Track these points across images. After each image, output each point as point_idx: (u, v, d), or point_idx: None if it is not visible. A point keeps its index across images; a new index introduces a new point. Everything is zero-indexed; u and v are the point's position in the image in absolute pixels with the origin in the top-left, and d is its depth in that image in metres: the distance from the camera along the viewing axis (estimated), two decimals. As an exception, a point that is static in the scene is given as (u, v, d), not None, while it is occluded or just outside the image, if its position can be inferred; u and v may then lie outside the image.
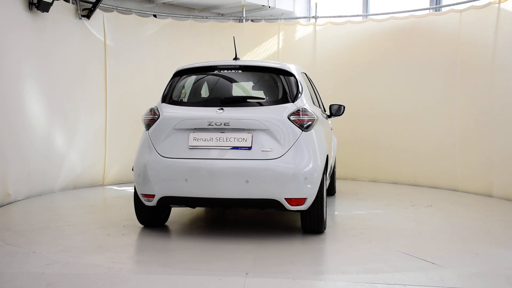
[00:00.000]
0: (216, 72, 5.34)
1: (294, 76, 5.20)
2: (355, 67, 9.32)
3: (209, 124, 4.78)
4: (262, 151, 4.68)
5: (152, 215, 5.24)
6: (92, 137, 8.31)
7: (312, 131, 4.87)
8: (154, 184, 4.78)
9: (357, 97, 9.06)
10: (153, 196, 4.83)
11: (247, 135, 4.73)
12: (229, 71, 5.26)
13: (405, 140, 8.79)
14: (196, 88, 5.44)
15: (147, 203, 4.94)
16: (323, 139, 5.15)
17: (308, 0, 11.19)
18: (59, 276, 3.75)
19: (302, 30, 9.82)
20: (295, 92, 5.07)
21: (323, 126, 5.42)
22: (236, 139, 4.74)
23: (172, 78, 5.45)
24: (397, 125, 8.88)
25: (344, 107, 6.42)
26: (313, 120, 4.87)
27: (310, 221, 4.95)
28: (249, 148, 4.70)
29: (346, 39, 9.44)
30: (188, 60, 8.41)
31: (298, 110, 4.85)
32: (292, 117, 4.79)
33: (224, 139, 4.75)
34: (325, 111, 6.54)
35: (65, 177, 7.85)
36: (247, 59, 9.60)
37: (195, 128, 4.84)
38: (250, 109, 4.90)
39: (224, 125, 4.76)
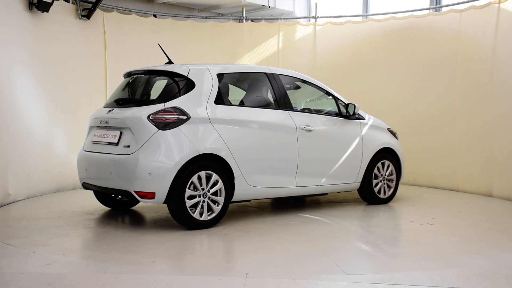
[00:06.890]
0: (131, 77, 5.84)
1: (186, 78, 5.37)
2: (355, 67, 9.32)
3: (100, 123, 5.56)
4: (123, 147, 5.19)
5: (102, 197, 6.16)
6: (92, 137, 8.30)
7: (173, 130, 5.06)
8: (78, 172, 5.82)
9: (356, 97, 9.03)
10: (80, 181, 5.82)
11: (117, 133, 5.32)
12: (138, 75, 5.76)
13: (404, 140, 8.78)
14: (115, 91, 5.95)
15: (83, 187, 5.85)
16: (196, 138, 5.12)
17: (308, 0, 11.19)
18: (59, 276, 3.75)
19: (302, 30, 9.82)
20: (174, 93, 5.29)
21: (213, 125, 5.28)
22: (111, 136, 5.38)
23: None
24: (397, 125, 8.87)
25: (355, 106, 6.51)
26: (174, 120, 5.08)
27: (173, 214, 5.18)
28: (116, 144, 5.28)
29: (346, 39, 9.44)
30: (188, 60, 8.43)
31: (160, 110, 5.11)
32: (151, 116, 5.09)
33: (106, 136, 5.44)
34: (344, 110, 6.56)
35: (65, 177, 7.84)
36: (246, 59, 9.61)
37: (97, 126, 5.62)
38: (124, 109, 5.36)
39: (106, 123, 5.45)
